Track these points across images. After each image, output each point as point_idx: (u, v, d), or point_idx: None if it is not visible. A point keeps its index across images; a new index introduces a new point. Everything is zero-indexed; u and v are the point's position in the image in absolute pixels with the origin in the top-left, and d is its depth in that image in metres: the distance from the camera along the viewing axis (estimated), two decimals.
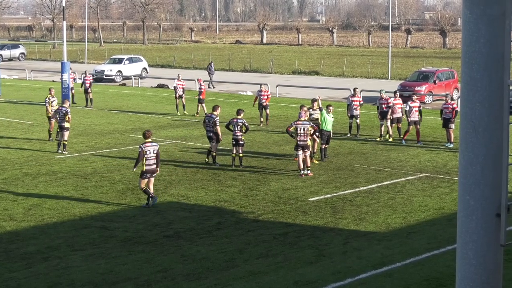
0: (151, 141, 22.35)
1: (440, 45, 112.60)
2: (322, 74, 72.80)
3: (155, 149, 22.21)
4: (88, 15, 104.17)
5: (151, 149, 22.11)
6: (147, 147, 22.07)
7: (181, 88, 43.86)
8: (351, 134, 34.74)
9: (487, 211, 6.02)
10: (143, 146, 22.08)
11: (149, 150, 22.05)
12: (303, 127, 25.99)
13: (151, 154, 22.08)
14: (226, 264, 17.06)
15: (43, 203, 22.67)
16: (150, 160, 22.06)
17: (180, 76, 45.61)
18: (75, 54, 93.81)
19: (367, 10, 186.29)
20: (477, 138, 5.94)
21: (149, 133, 22.53)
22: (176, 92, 44.05)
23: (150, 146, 22.13)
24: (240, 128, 27.71)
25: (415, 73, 53.72)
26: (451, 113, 32.29)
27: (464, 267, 6.22)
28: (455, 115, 32.35)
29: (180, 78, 44.60)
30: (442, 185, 24.95)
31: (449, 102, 32.86)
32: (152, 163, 22.11)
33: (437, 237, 19.04)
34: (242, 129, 27.75)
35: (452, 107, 32.43)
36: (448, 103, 32.77)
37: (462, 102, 6.06)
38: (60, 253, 17.89)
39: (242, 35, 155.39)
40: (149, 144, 22.16)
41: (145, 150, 22.00)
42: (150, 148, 22.11)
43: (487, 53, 5.84)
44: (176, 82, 44.15)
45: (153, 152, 22.13)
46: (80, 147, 31.77)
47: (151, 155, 22.08)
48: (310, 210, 21.79)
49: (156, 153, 22.20)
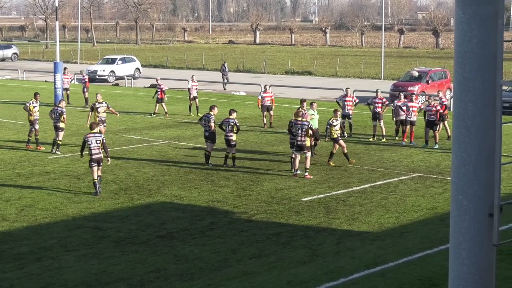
0: (95, 132, 23.96)
1: (433, 45, 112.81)
2: (315, 74, 72.84)
3: (98, 139, 23.79)
4: (81, 15, 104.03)
5: (93, 139, 23.69)
6: (89, 137, 23.75)
7: (195, 90, 43.17)
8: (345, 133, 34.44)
9: (480, 210, 6.03)
10: (85, 137, 23.91)
11: (91, 140, 23.67)
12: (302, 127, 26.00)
13: (94, 144, 23.65)
14: (219, 264, 17.05)
15: (36, 203, 22.63)
16: (94, 149, 23.64)
17: (195, 77, 44.88)
18: (68, 54, 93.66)
19: (360, 10, 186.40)
20: (469, 138, 5.95)
21: (95, 125, 24.49)
22: (190, 94, 43.28)
23: (92, 137, 23.73)
24: (232, 128, 27.68)
25: (408, 73, 53.80)
26: (435, 115, 31.81)
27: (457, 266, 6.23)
28: (440, 117, 31.96)
29: (194, 80, 43.90)
30: (435, 185, 24.98)
31: (432, 104, 32.31)
32: (97, 153, 23.67)
33: (430, 237, 19.07)
34: (234, 129, 27.72)
35: (436, 109, 31.96)
36: (431, 105, 32.22)
37: (455, 102, 6.07)
38: (53, 253, 17.86)
39: (235, 35, 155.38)
40: (92, 135, 23.78)
41: (87, 140, 23.71)
42: (92, 138, 23.71)
43: (480, 53, 5.85)
44: (191, 84, 43.38)
45: (96, 143, 23.68)
46: (73, 148, 31.71)
47: (94, 145, 23.65)
48: (303, 210, 21.80)
49: (100, 143, 23.80)
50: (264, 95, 38.05)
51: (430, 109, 32.03)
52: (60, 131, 30.63)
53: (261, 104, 37.82)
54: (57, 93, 47.08)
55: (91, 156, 23.63)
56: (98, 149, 23.73)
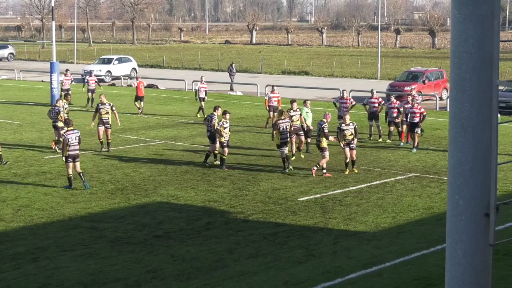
0: (73, 129, 24.51)
1: (429, 45, 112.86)
2: (311, 74, 72.85)
3: (77, 135, 24.43)
4: (77, 15, 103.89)
5: (73, 136, 24.27)
6: (69, 134, 24.23)
7: (203, 91, 42.13)
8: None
9: (476, 210, 6.04)
10: (65, 134, 24.31)
11: (71, 137, 24.19)
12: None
13: (74, 141, 24.26)
14: (216, 264, 17.05)
15: (32, 203, 22.61)
16: (74, 146, 24.28)
17: (203, 78, 43.88)
18: (64, 54, 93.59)
19: (357, 10, 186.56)
20: (466, 138, 5.96)
21: (71, 122, 24.97)
22: (198, 95, 42.21)
23: (72, 134, 24.29)
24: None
25: (404, 73, 53.83)
26: (418, 117, 30.86)
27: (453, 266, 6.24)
28: (423, 119, 31.25)
29: (203, 81, 42.94)
30: (431, 184, 25.00)
31: (416, 106, 31.24)
32: (75, 149, 24.34)
33: (426, 237, 19.08)
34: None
35: (420, 111, 31.05)
36: (415, 108, 31.18)
37: (451, 102, 6.08)
38: (49, 253, 17.84)
39: (232, 35, 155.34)
40: (71, 132, 24.33)
41: (68, 138, 24.13)
42: (72, 135, 24.27)
43: (476, 53, 5.86)
44: (199, 85, 42.43)
45: (75, 139, 24.31)
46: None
47: (74, 141, 24.26)
48: (300, 210, 21.80)
49: (78, 139, 24.46)
50: (272, 96, 37.20)
51: (414, 111, 31.03)
52: (60, 130, 30.62)
53: (268, 105, 37.01)
54: (54, 93, 47.03)
55: (69, 152, 24.15)
56: (78, 145, 24.40)
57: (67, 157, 24.21)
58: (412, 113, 31.09)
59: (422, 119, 31.17)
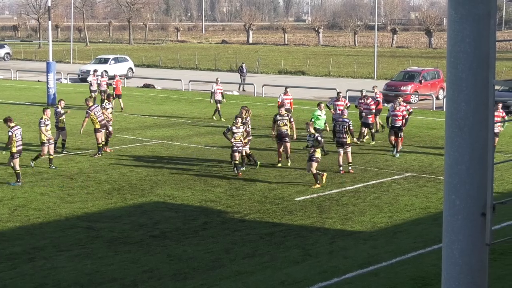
0: (15, 125, 25.18)
1: (425, 45, 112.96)
2: (308, 74, 72.90)
3: (20, 131, 25.25)
4: (73, 15, 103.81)
5: (18, 131, 24.98)
6: (15, 130, 24.89)
7: (219, 93, 41.00)
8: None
9: (473, 210, 6.04)
10: (12, 130, 24.82)
11: (16, 132, 24.88)
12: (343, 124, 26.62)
13: (19, 136, 25.03)
14: (212, 264, 17.06)
15: (29, 203, 22.59)
16: (19, 141, 25.04)
17: (219, 80, 42.77)
18: (60, 54, 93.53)
19: (353, 10, 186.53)
20: (462, 138, 5.96)
21: (11, 118, 25.45)
22: (213, 97, 40.92)
23: (17, 129, 24.98)
24: None
25: (401, 73, 53.90)
26: (400, 121, 29.48)
27: (450, 266, 6.24)
28: (406, 123, 30.00)
29: (218, 83, 41.79)
30: (428, 184, 25.02)
31: (398, 109, 29.70)
32: (21, 144, 25.16)
33: (423, 236, 19.10)
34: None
35: (402, 114, 29.61)
36: (397, 110, 29.66)
37: (448, 102, 6.08)
38: (46, 253, 17.83)
39: (228, 35, 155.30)
40: (16, 128, 25.01)
41: (15, 133, 24.79)
42: (17, 131, 24.97)
43: (473, 53, 5.86)
44: (215, 87, 41.10)
45: (20, 134, 25.11)
46: (66, 147, 31.65)
47: (19, 137, 25.04)
48: (297, 209, 21.81)
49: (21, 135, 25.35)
50: (284, 97, 35.98)
51: (396, 114, 29.59)
52: (61, 130, 30.61)
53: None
54: (50, 93, 47.02)
55: (17, 148, 24.83)
56: (21, 141, 25.29)
57: (15, 153, 24.76)
58: (393, 116, 29.72)
59: (405, 123, 29.87)
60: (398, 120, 29.60)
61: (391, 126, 29.90)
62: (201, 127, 37.83)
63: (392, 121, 29.82)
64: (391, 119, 29.88)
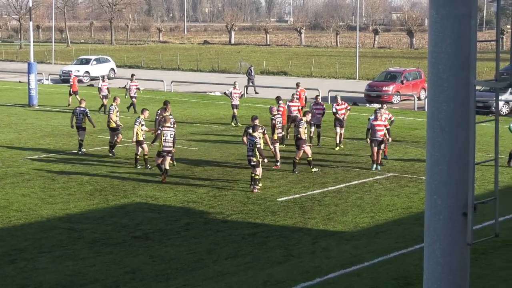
0: None
1: (407, 45, 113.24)
2: (290, 75, 72.90)
3: None
4: (55, 15, 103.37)
5: None
6: None
7: (237, 98, 38.85)
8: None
9: (454, 210, 6.07)
10: None
11: None
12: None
13: None
14: (195, 264, 17.03)
15: (10, 205, 22.47)
16: None
17: (237, 83, 40.74)
18: (42, 55, 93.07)
19: (335, 10, 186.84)
20: (443, 138, 5.98)
21: None
22: (232, 101, 38.89)
23: None
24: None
25: (383, 73, 54.02)
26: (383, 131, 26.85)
27: (431, 266, 6.26)
28: (389, 134, 27.41)
29: (236, 86, 39.72)
30: (409, 184, 25.09)
31: (380, 118, 26.87)
32: None
33: (405, 236, 19.15)
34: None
35: (385, 124, 27.09)
36: (379, 120, 26.84)
37: (429, 102, 6.10)
38: (27, 255, 17.75)
39: (210, 36, 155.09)
40: None
41: None
42: None
43: (453, 53, 5.88)
44: (232, 91, 38.99)
45: None
46: (47, 148, 31.52)
47: None
48: (279, 210, 21.81)
49: None
50: (291, 105, 33.55)
51: (380, 124, 26.88)
52: (83, 130, 30.53)
53: (287, 115, 33.02)
54: (31, 94, 46.77)
55: None
56: None
57: None
58: (377, 125, 26.74)
59: (388, 134, 27.28)
60: (380, 131, 26.70)
61: (372, 140, 26.94)
62: (183, 128, 37.72)
63: (373, 133, 26.81)
64: (372, 131, 26.88)
